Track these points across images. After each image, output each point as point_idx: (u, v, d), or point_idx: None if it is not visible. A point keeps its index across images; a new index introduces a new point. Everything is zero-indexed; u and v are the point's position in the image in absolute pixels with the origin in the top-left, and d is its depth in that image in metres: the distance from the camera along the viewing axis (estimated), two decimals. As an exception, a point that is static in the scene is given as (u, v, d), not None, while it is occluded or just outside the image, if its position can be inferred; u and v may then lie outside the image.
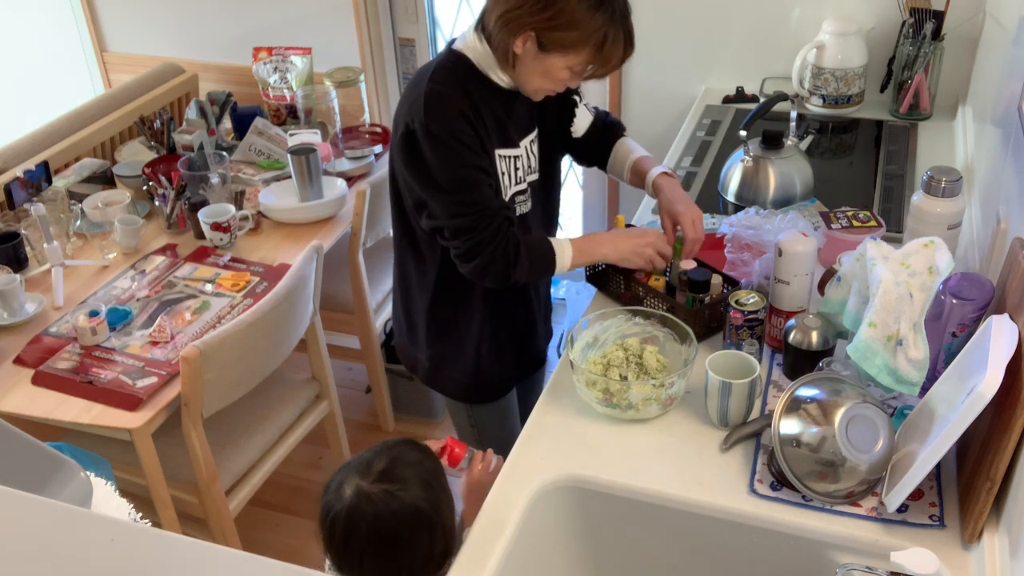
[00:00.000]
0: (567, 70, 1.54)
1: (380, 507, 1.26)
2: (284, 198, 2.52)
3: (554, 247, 1.66)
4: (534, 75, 1.56)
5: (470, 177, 1.57)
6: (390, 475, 1.29)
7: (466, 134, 1.56)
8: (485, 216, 1.58)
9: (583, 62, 1.53)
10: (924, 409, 1.34)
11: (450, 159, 1.56)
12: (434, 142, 1.55)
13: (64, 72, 3.47)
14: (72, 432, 2.07)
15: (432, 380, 1.89)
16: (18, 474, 0.80)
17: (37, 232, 2.33)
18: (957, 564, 1.23)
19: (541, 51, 1.51)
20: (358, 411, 2.96)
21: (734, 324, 1.57)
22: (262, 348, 2.09)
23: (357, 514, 1.26)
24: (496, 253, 1.59)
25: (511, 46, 1.52)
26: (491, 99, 1.61)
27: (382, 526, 1.26)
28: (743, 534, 1.34)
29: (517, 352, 1.88)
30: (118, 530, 0.69)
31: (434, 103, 1.55)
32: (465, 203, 1.57)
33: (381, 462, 1.30)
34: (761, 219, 1.85)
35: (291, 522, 2.61)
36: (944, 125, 2.43)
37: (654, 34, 2.72)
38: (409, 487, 1.29)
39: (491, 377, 1.85)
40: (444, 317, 1.79)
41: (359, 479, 1.28)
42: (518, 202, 1.72)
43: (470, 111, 1.57)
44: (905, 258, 1.44)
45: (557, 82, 1.58)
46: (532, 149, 1.75)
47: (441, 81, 1.58)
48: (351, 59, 3.06)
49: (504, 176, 1.67)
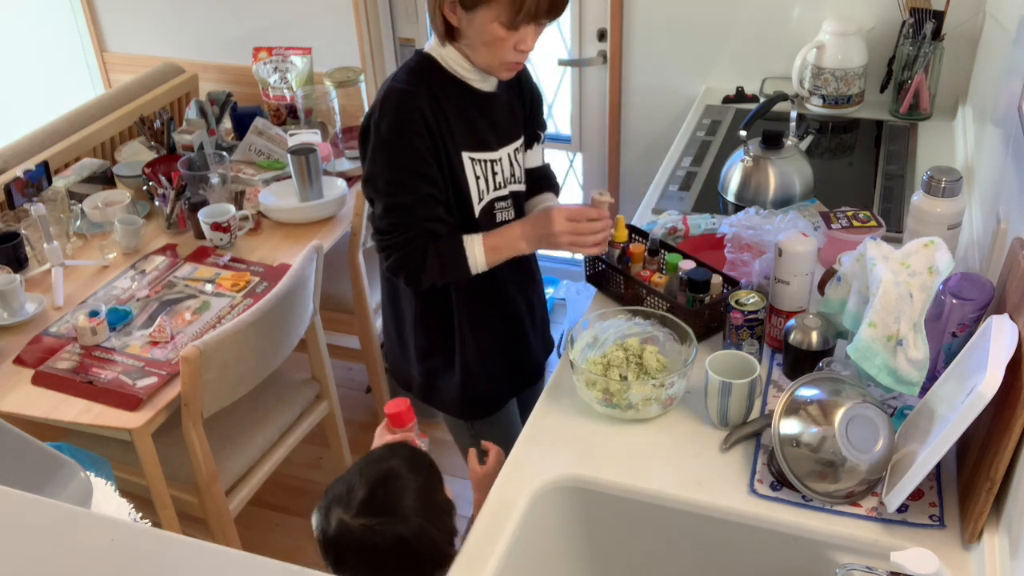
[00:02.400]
0: (496, 24, 1.49)
1: (363, 540, 1.26)
2: (284, 198, 2.52)
3: (465, 249, 1.64)
4: (478, 43, 1.54)
5: (406, 181, 1.58)
6: (371, 506, 1.27)
7: (417, 137, 1.56)
8: (405, 222, 1.60)
9: (504, 10, 1.48)
10: (924, 409, 1.34)
11: (390, 162, 1.58)
12: (379, 138, 1.57)
13: (64, 72, 3.47)
14: (72, 432, 2.07)
15: (427, 396, 1.87)
16: (18, 474, 0.80)
17: (37, 232, 2.33)
18: (957, 564, 1.23)
19: (467, 11, 1.50)
20: (358, 411, 2.96)
21: (734, 324, 1.57)
22: (262, 348, 2.09)
23: (343, 544, 1.27)
24: (404, 257, 1.62)
25: (446, 17, 1.53)
26: (460, 100, 1.61)
27: (366, 557, 1.27)
28: (743, 534, 1.34)
29: (510, 365, 1.86)
30: (118, 530, 0.69)
31: (391, 102, 1.57)
32: (391, 207, 1.60)
33: (362, 489, 1.28)
34: (761, 219, 1.85)
35: (291, 522, 2.61)
36: (944, 125, 2.43)
37: (654, 34, 2.72)
38: (393, 516, 1.27)
39: (484, 391, 1.83)
40: (431, 328, 1.78)
41: (342, 512, 1.27)
42: (499, 208, 1.71)
43: (430, 111, 1.57)
44: (905, 258, 1.44)
45: (500, 43, 1.52)
46: (516, 158, 1.73)
47: (402, 80, 1.59)
48: (351, 59, 3.06)
49: (478, 180, 1.66)
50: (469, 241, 1.64)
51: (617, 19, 2.72)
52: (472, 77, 1.62)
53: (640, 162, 2.93)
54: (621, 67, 2.81)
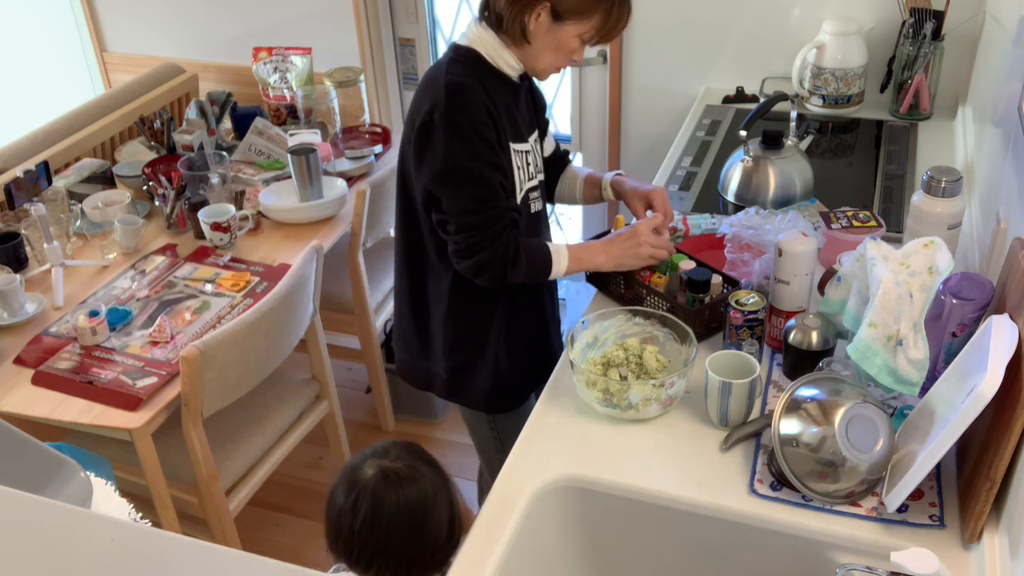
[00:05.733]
0: (578, 38, 1.57)
1: (406, 478, 1.32)
2: (284, 198, 2.52)
3: (551, 253, 1.66)
4: (546, 50, 1.58)
5: (484, 173, 1.57)
6: (408, 451, 1.37)
7: (486, 127, 1.56)
8: (493, 214, 1.58)
9: (593, 28, 1.56)
10: (924, 409, 1.34)
11: (467, 151, 1.55)
12: (454, 132, 1.54)
13: (64, 72, 3.47)
14: (72, 432, 2.07)
15: (453, 393, 1.84)
16: (18, 474, 0.80)
17: (37, 232, 2.33)
18: (957, 564, 1.23)
19: (555, 21, 1.54)
20: (358, 411, 2.96)
21: (734, 324, 1.57)
22: (262, 348, 2.09)
23: (383, 489, 1.31)
24: (497, 252, 1.59)
25: (526, 22, 1.54)
26: (502, 91, 1.62)
27: (411, 494, 1.31)
28: (743, 534, 1.34)
29: (535, 357, 1.86)
30: (118, 530, 0.69)
31: (456, 94, 1.55)
32: (475, 198, 1.57)
33: (394, 448, 1.36)
34: (761, 219, 1.85)
35: (291, 522, 2.61)
36: (944, 125, 2.43)
37: (654, 34, 2.72)
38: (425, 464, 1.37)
39: (511, 384, 1.83)
40: (462, 324, 1.76)
41: (379, 460, 1.33)
42: (531, 199, 1.72)
43: (490, 103, 1.57)
44: (905, 258, 1.44)
45: (568, 53, 1.60)
46: (537, 147, 1.75)
47: (459, 73, 1.57)
48: (351, 59, 3.06)
49: (519, 171, 1.67)
50: (555, 249, 1.67)
51: (617, 19, 2.72)
52: (510, 70, 1.62)
53: (640, 162, 2.93)
54: (621, 67, 2.81)
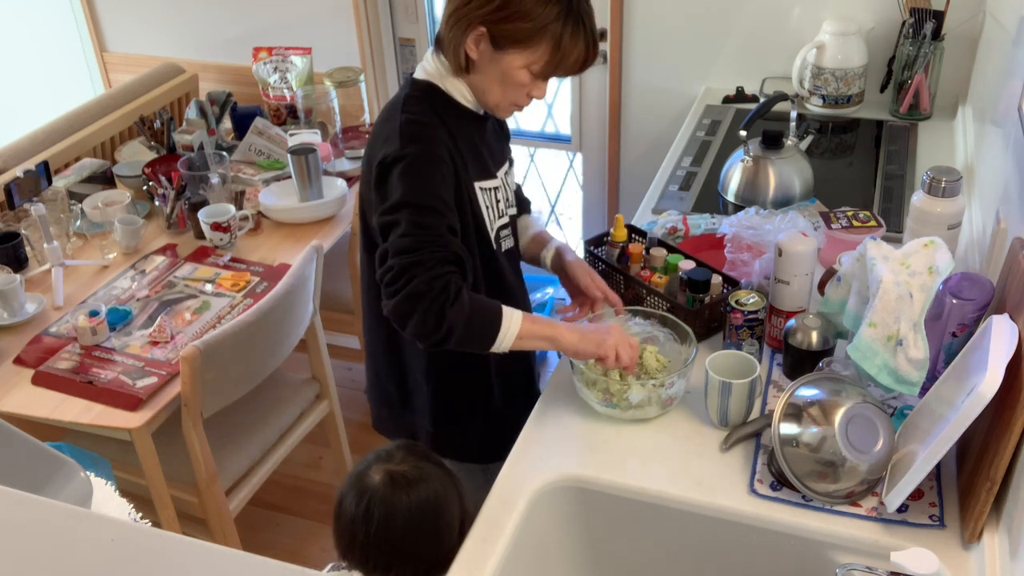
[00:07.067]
0: (525, 70, 1.43)
1: (415, 480, 1.31)
2: (284, 198, 2.52)
3: (503, 314, 1.44)
4: (493, 82, 1.46)
5: (431, 203, 1.42)
6: (412, 452, 1.36)
7: (444, 165, 1.45)
8: (435, 241, 1.40)
9: (540, 59, 1.42)
10: (924, 409, 1.34)
11: (422, 185, 1.42)
12: (406, 163, 1.42)
13: (64, 72, 3.47)
14: (72, 432, 2.07)
15: (441, 446, 1.64)
16: (18, 474, 0.80)
17: (37, 232, 2.33)
18: (957, 564, 1.23)
19: (496, 49, 1.42)
20: (358, 411, 2.95)
21: (734, 324, 1.57)
22: (262, 348, 2.09)
23: (393, 493, 1.30)
24: (434, 284, 1.37)
25: (464, 47, 1.43)
26: (465, 126, 1.52)
27: (422, 495, 1.30)
28: (743, 534, 1.34)
29: (527, 396, 1.72)
30: (118, 530, 0.69)
31: (411, 132, 1.44)
32: (416, 223, 1.40)
33: (397, 450, 1.35)
34: (761, 219, 1.85)
35: (291, 522, 2.61)
36: (944, 125, 2.43)
37: (654, 34, 2.72)
38: (430, 463, 1.36)
39: (507, 428, 1.61)
40: (447, 373, 1.64)
41: (384, 464, 1.32)
42: (502, 237, 1.61)
43: (449, 141, 1.47)
44: (905, 258, 1.44)
45: (518, 88, 1.46)
46: (507, 181, 1.64)
47: (415, 111, 1.47)
48: (351, 59, 3.06)
49: (488, 211, 1.56)
50: (509, 311, 1.45)
51: (617, 19, 2.72)
52: (467, 103, 1.52)
53: (640, 162, 2.93)
54: (621, 67, 2.81)
